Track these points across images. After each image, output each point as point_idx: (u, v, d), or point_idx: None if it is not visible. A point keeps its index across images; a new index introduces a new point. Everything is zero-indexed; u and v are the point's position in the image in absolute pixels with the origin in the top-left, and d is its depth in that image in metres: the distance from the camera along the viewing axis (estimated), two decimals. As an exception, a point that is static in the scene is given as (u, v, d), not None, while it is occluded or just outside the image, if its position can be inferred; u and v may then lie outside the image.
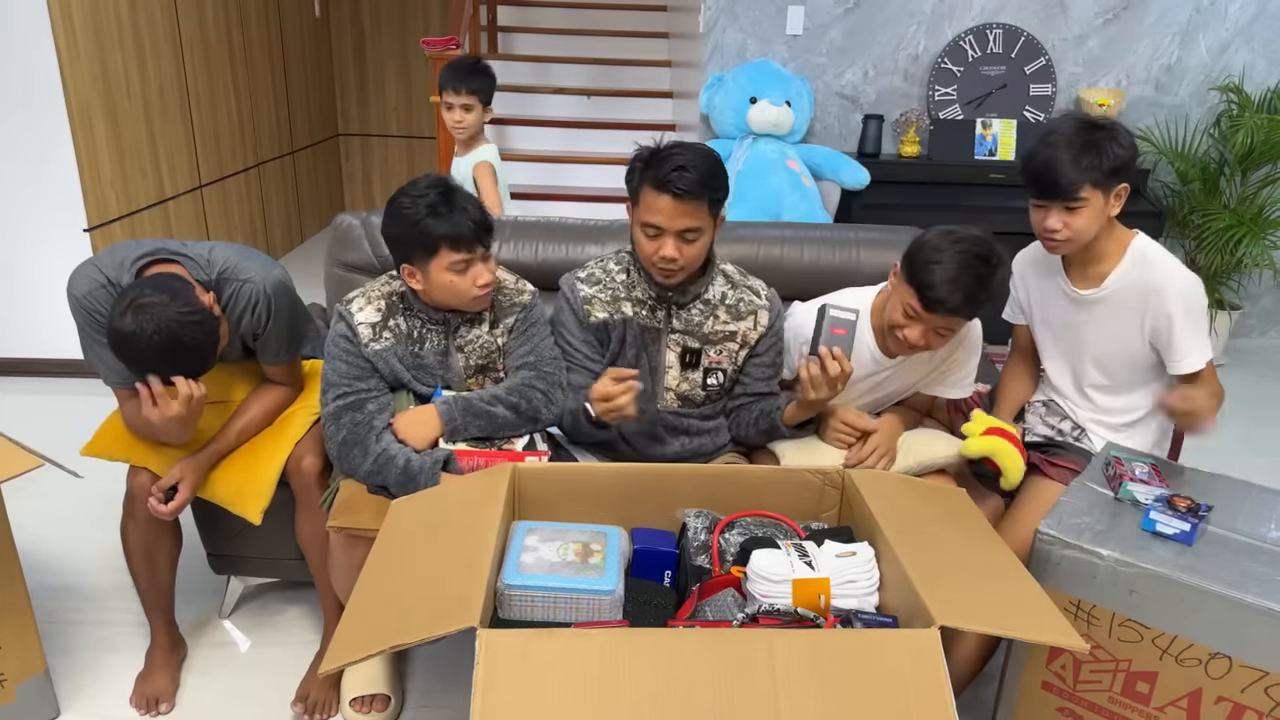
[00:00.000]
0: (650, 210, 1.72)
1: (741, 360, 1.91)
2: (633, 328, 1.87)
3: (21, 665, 1.80)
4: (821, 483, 1.67)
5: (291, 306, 1.91)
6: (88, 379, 3.54)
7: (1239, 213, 3.86)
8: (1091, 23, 3.96)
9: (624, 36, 5.48)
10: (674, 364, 1.89)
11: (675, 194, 1.68)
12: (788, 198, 3.65)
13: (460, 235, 1.71)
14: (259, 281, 1.83)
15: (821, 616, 1.34)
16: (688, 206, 1.70)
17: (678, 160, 1.68)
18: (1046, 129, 1.79)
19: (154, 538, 1.91)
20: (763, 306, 1.91)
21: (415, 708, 1.97)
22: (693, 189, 1.68)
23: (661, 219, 1.71)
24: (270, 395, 1.96)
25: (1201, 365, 1.81)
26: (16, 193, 3.41)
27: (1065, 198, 1.73)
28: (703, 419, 1.95)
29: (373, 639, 1.20)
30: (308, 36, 5.83)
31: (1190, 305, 1.78)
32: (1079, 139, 1.72)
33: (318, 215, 6.00)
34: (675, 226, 1.71)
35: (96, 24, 3.49)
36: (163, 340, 1.58)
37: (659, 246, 1.74)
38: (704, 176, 1.69)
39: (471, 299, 1.78)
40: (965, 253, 1.69)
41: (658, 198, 1.70)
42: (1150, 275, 1.80)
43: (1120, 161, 1.73)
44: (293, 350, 1.95)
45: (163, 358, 1.62)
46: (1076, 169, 1.72)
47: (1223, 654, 1.41)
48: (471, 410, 1.79)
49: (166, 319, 1.57)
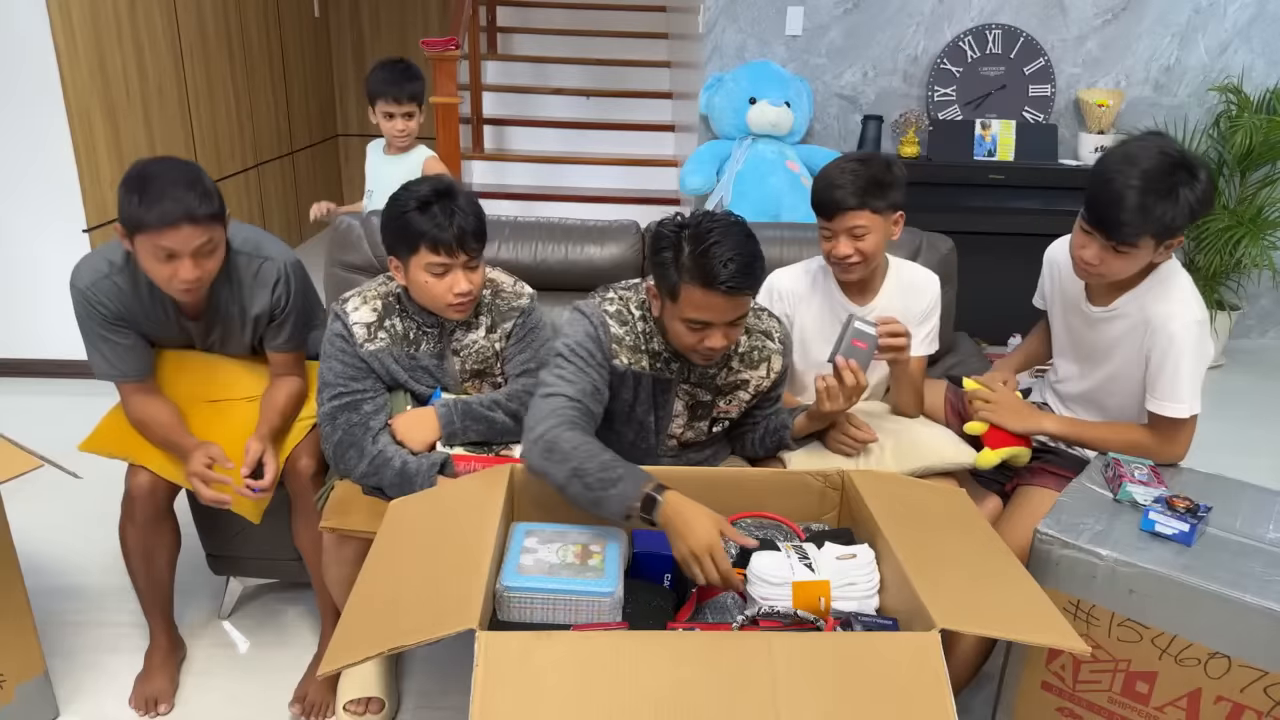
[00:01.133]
0: (695, 308, 1.56)
1: (750, 406, 1.85)
2: (645, 383, 1.74)
3: (21, 666, 1.80)
4: (822, 485, 1.67)
5: (307, 289, 1.94)
6: (88, 379, 3.53)
7: (1238, 213, 3.86)
8: (1090, 23, 3.96)
9: (623, 37, 5.49)
10: (681, 413, 1.79)
11: (728, 292, 1.52)
12: (787, 198, 3.65)
13: (440, 237, 1.67)
14: (279, 259, 1.86)
15: (821, 619, 1.34)
16: (740, 300, 1.56)
17: (722, 253, 1.51)
18: (1127, 153, 1.62)
19: (153, 538, 1.91)
20: (776, 351, 1.81)
21: (414, 709, 1.97)
22: (745, 284, 1.53)
23: (710, 315, 1.56)
24: (288, 382, 1.95)
25: (1180, 414, 1.70)
26: (15, 193, 3.40)
27: (1120, 240, 1.62)
28: (699, 454, 1.89)
29: (371, 640, 1.20)
30: (307, 37, 5.83)
31: (1187, 343, 1.68)
32: (1159, 178, 1.57)
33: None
34: (725, 319, 1.58)
35: (96, 24, 3.49)
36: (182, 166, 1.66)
37: (703, 338, 1.59)
38: (753, 264, 1.54)
39: (446, 305, 1.73)
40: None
41: (707, 296, 1.54)
42: (1160, 303, 1.71)
43: (1193, 209, 1.59)
44: (304, 335, 1.95)
45: (178, 182, 1.63)
46: (1143, 217, 1.58)
47: (1222, 654, 1.41)
48: (471, 414, 1.79)
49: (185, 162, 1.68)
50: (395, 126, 2.80)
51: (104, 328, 1.80)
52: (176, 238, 1.63)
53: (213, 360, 1.98)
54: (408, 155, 2.88)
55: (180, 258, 1.66)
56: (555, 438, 1.52)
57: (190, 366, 1.96)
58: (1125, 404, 1.85)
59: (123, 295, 1.79)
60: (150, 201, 1.61)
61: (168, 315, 1.85)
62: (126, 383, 1.87)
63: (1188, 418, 1.72)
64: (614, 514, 1.44)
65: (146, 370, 1.89)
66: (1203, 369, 1.71)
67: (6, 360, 3.62)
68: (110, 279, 1.77)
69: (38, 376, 3.60)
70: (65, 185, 3.40)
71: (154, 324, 1.85)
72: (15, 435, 1.72)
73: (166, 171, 1.64)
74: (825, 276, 2.00)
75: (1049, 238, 2.03)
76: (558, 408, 1.58)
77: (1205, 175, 1.61)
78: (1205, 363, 1.71)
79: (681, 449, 1.85)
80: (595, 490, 1.44)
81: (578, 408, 1.60)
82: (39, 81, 3.28)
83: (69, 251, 3.39)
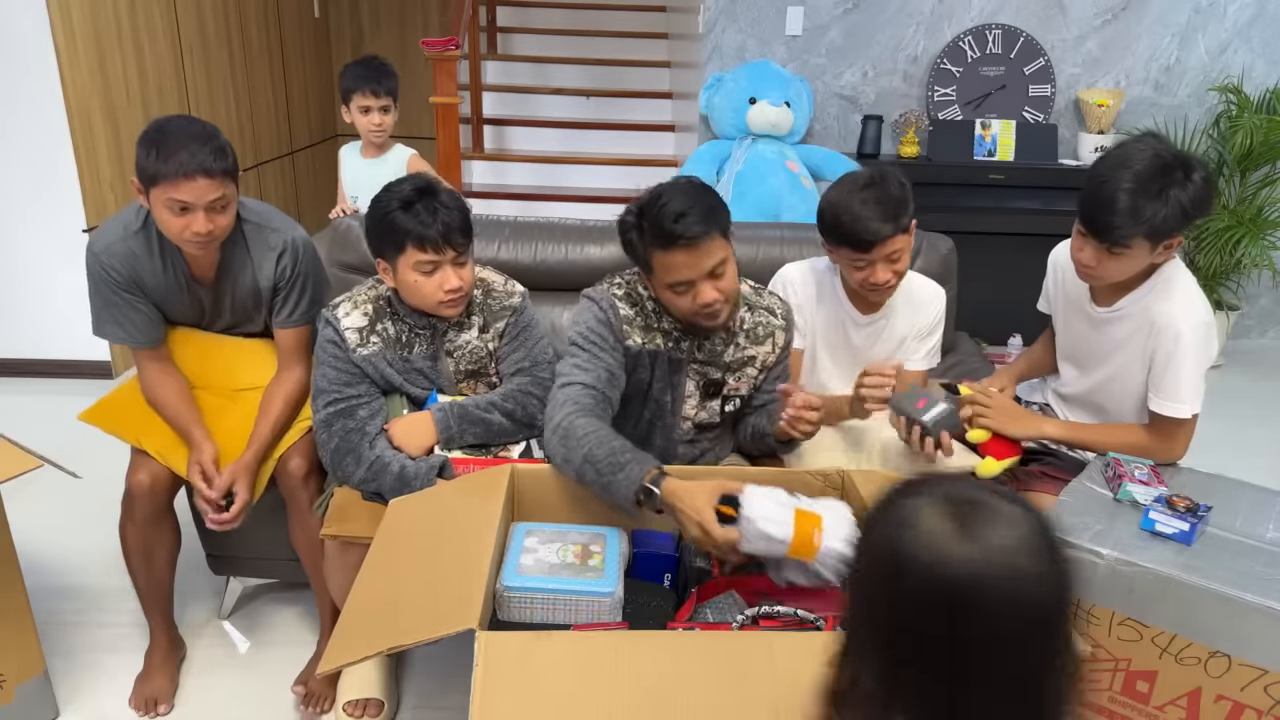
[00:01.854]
0: (670, 270, 1.60)
1: (758, 382, 1.86)
2: (661, 361, 1.75)
3: (21, 666, 1.80)
4: (822, 484, 1.67)
5: (315, 266, 1.96)
6: (88, 379, 3.55)
7: (1238, 213, 3.86)
8: (1090, 23, 3.96)
9: (623, 37, 5.49)
10: (694, 393, 1.80)
11: (687, 243, 1.56)
12: (787, 198, 3.65)
13: (426, 235, 1.66)
14: (286, 232, 1.89)
15: (821, 618, 1.34)
16: (704, 246, 1.58)
17: (671, 208, 1.56)
18: (1121, 156, 1.63)
19: (152, 537, 1.91)
20: (779, 327, 1.84)
21: (413, 709, 1.97)
22: (701, 229, 1.56)
23: (686, 272, 1.59)
24: (287, 384, 1.94)
25: (1182, 414, 1.71)
26: (15, 193, 3.40)
27: (1112, 242, 1.63)
28: (711, 434, 1.90)
29: (371, 640, 1.20)
30: (307, 37, 5.83)
31: (1191, 343, 1.68)
32: (1150, 180, 1.58)
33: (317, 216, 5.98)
34: (702, 271, 1.60)
35: (96, 25, 3.49)
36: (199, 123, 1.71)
37: (695, 295, 1.61)
38: (705, 210, 1.58)
39: (437, 303, 1.73)
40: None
41: (672, 255, 1.58)
42: (1164, 303, 1.71)
43: (1185, 210, 1.59)
44: (311, 312, 1.95)
45: (195, 137, 1.68)
46: (1133, 219, 1.59)
47: (1222, 653, 1.41)
48: (467, 417, 1.78)
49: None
50: (372, 121, 2.79)
51: (116, 293, 1.82)
52: (192, 190, 1.67)
53: (222, 343, 1.98)
54: (387, 156, 2.87)
55: (194, 210, 1.69)
56: (570, 425, 1.56)
57: (195, 350, 1.97)
58: (1124, 406, 1.85)
59: (136, 260, 1.81)
60: (166, 154, 1.65)
61: (180, 282, 1.86)
62: (142, 349, 1.89)
63: (1188, 418, 1.73)
64: (623, 499, 1.47)
65: (159, 338, 1.90)
66: (1205, 369, 1.71)
67: (6, 360, 3.62)
68: (125, 243, 1.80)
69: (38, 376, 3.60)
70: (65, 185, 3.40)
71: (167, 290, 1.86)
72: (15, 435, 1.72)
73: (184, 128, 1.69)
74: (832, 283, 1.99)
75: (1049, 238, 2.03)
76: (573, 396, 1.63)
77: (1200, 176, 1.61)
78: (1208, 363, 1.71)
79: (697, 432, 1.86)
80: (605, 475, 1.47)
81: (593, 395, 1.64)
82: (39, 81, 3.28)
83: (69, 251, 3.39)
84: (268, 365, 1.98)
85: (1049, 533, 0.72)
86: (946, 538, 0.69)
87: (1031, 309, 2.08)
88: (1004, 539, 0.69)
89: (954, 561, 0.68)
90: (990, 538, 0.69)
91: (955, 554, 0.68)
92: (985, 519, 0.70)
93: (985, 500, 0.73)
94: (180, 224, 1.70)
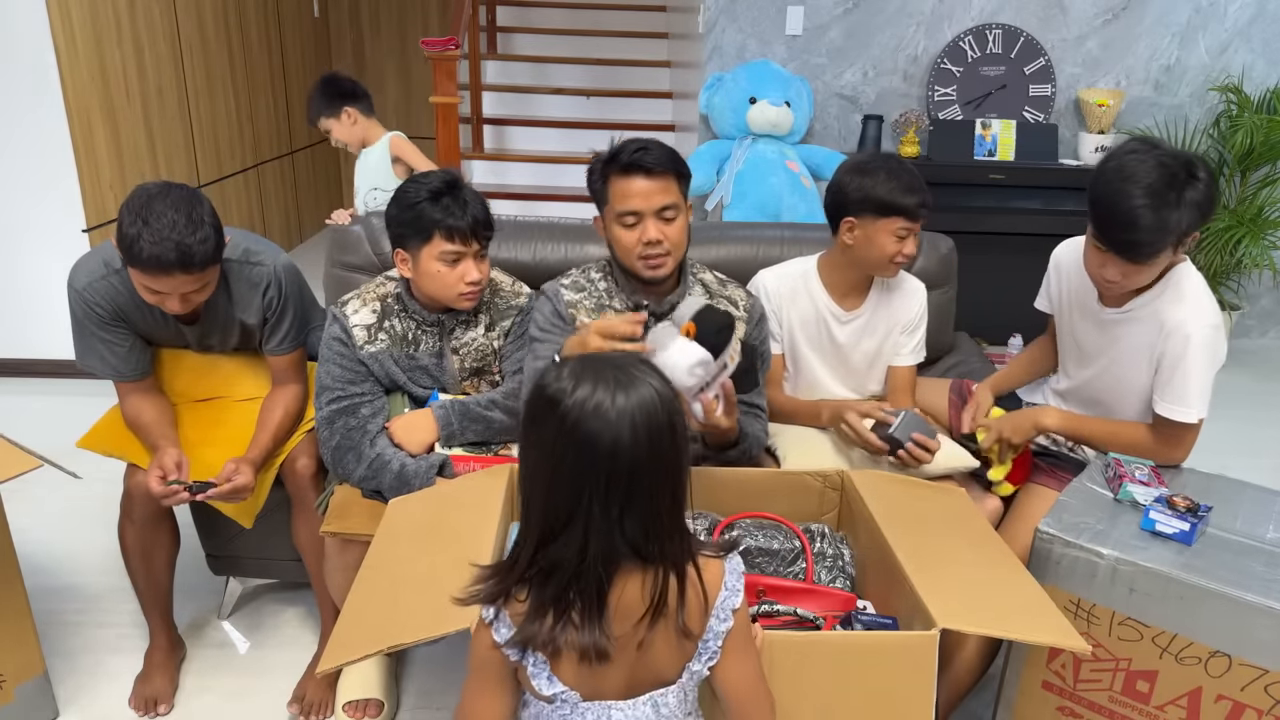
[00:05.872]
0: (623, 197, 1.68)
1: None
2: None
3: (20, 666, 1.80)
4: (822, 485, 1.67)
5: (300, 291, 1.94)
6: (87, 380, 3.54)
7: (1238, 213, 3.86)
8: (1091, 23, 3.96)
9: (623, 37, 5.49)
10: None
11: (646, 170, 1.65)
12: (787, 198, 3.65)
13: (455, 225, 1.70)
14: (270, 263, 1.86)
15: (821, 618, 1.34)
16: (660, 183, 1.67)
17: (635, 144, 1.68)
18: (1124, 171, 1.60)
19: (152, 538, 1.91)
20: (741, 319, 1.83)
21: (413, 708, 1.96)
22: (661, 163, 1.66)
23: (637, 201, 1.67)
24: (285, 396, 1.94)
25: (1189, 419, 1.69)
26: (15, 193, 3.40)
27: (1142, 260, 1.61)
28: None
29: (370, 639, 1.20)
30: (306, 37, 5.83)
31: (1200, 347, 1.66)
32: (1164, 189, 1.56)
33: (317, 216, 5.99)
34: (653, 206, 1.67)
35: (95, 24, 3.49)
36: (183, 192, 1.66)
37: (641, 232, 1.68)
38: (666, 153, 1.68)
39: (458, 295, 1.76)
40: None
41: (628, 181, 1.67)
42: (1175, 306, 1.69)
43: (1201, 208, 1.57)
44: (300, 337, 1.95)
45: (177, 225, 1.60)
46: (1160, 232, 1.57)
47: (1222, 652, 1.41)
48: (468, 415, 1.79)
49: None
50: (338, 137, 3.10)
51: (101, 328, 1.80)
52: (168, 283, 1.64)
53: (212, 359, 1.98)
54: (374, 146, 3.07)
55: (169, 296, 1.67)
56: None
57: (188, 365, 1.96)
58: (1124, 402, 1.84)
59: (119, 296, 1.79)
60: (146, 243, 1.58)
61: (164, 320, 1.85)
62: (124, 382, 1.87)
63: (1194, 422, 1.71)
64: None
65: (144, 370, 1.89)
66: (1213, 374, 1.70)
67: (6, 360, 3.62)
68: (107, 280, 1.77)
69: (38, 376, 3.60)
70: (65, 185, 3.40)
71: (150, 325, 1.86)
72: (15, 435, 1.73)
73: (168, 210, 1.60)
74: (811, 280, 1.99)
75: (1049, 238, 2.02)
76: (533, 378, 1.65)
77: (1205, 172, 1.59)
78: (1216, 367, 1.70)
79: None
80: None
81: None
82: (39, 81, 3.28)
83: (69, 252, 3.39)
84: (260, 378, 1.99)
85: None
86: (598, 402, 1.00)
87: (1032, 309, 2.08)
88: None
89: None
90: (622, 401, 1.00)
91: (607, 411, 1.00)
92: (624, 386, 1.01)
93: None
94: (155, 299, 1.69)
